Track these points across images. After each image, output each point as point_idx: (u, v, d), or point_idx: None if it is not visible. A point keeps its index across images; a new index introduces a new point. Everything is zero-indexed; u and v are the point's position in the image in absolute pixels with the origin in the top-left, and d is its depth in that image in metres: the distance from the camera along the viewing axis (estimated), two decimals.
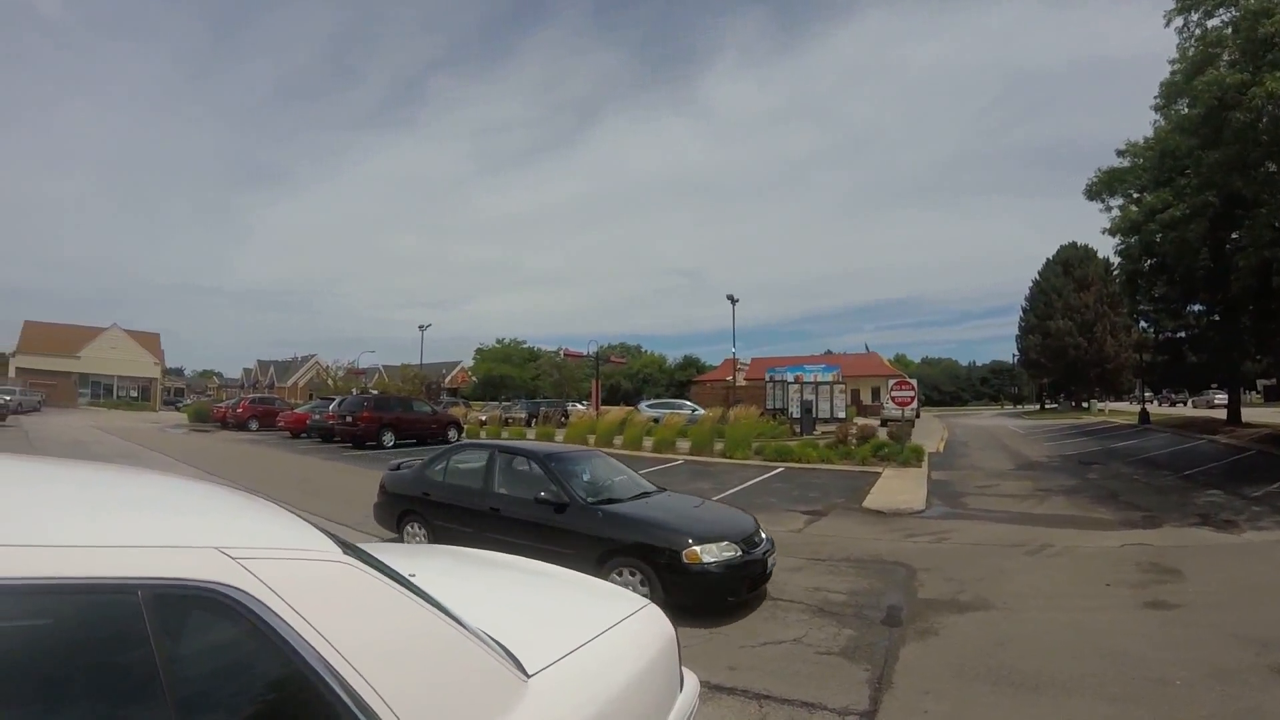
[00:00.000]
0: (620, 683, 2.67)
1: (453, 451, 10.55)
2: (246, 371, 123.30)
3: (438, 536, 9.27)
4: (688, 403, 42.71)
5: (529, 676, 2.29)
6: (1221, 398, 52.18)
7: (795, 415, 34.09)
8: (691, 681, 3.31)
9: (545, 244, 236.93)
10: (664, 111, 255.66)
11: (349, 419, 29.02)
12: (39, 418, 45.27)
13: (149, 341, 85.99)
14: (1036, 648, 6.63)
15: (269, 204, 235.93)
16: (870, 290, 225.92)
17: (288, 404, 47.12)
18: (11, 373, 70.50)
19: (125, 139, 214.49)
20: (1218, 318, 34.27)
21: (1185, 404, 75.92)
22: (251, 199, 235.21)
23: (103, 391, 79.42)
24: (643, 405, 42.38)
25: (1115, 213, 30.63)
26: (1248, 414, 40.72)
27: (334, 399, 37.19)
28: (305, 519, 2.23)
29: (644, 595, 6.33)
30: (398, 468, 10.90)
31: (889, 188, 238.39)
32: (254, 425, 39.97)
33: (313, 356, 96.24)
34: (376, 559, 2.23)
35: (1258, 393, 76.32)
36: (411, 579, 2.33)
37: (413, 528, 9.85)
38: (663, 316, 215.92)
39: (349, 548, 2.16)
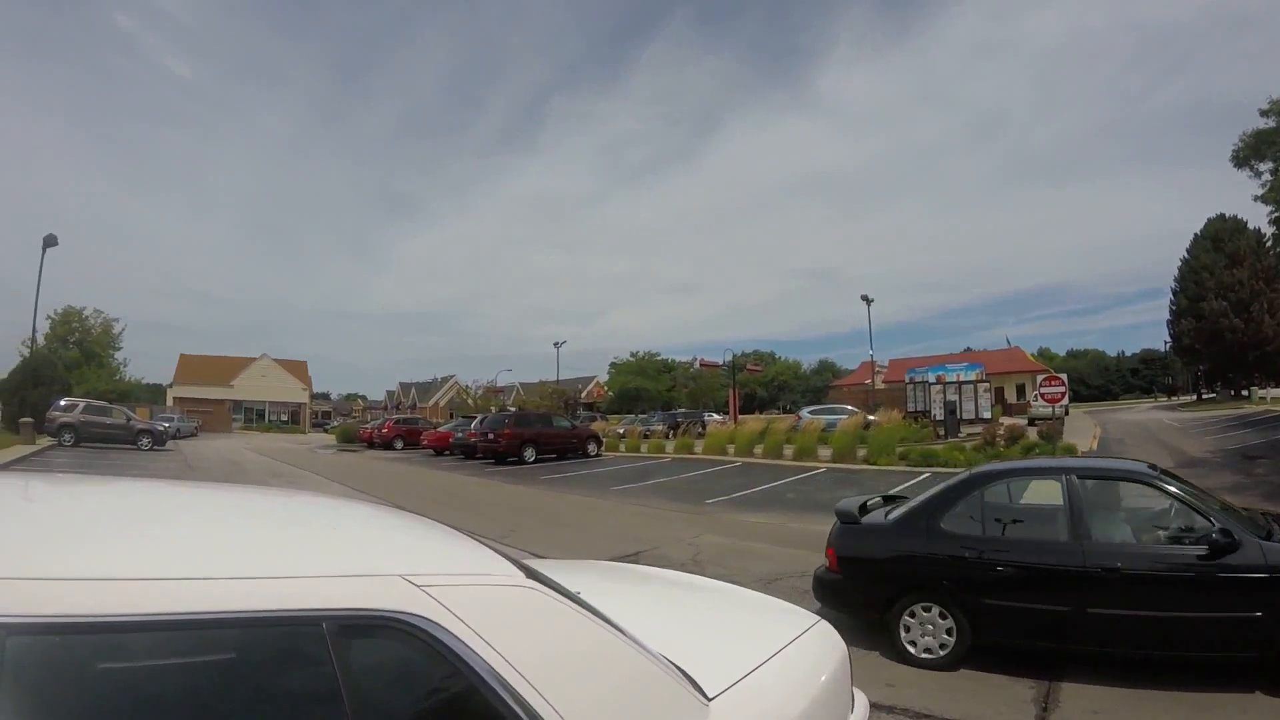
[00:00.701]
0: (800, 705, 2.52)
1: (979, 484, 6.92)
2: (389, 393, 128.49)
3: (987, 625, 6.19)
4: (848, 406, 41.71)
5: (709, 700, 2.18)
6: None
7: (938, 417, 33.27)
8: (862, 701, 3.08)
9: (676, 253, 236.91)
10: (784, 111, 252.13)
11: (491, 436, 29.77)
12: (196, 442, 48.39)
13: (297, 369, 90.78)
14: None
15: (406, 232, 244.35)
16: (1009, 280, 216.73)
17: (430, 423, 48.68)
18: (169, 402, 76.29)
19: (267, 181, 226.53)
20: None
21: None
22: (389, 229, 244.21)
23: (255, 416, 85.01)
24: (804, 412, 41.58)
25: (1266, 179, 28.56)
26: None
27: (474, 417, 38.23)
28: (485, 542, 2.23)
29: None
30: (853, 517, 7.13)
31: (1023, 169, 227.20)
32: (398, 444, 41.66)
33: (452, 377, 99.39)
34: (555, 581, 2.15)
35: None
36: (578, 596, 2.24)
37: (922, 613, 6.41)
38: (796, 319, 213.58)
39: (529, 571, 2.10)
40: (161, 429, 37.87)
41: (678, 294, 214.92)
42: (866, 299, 48.16)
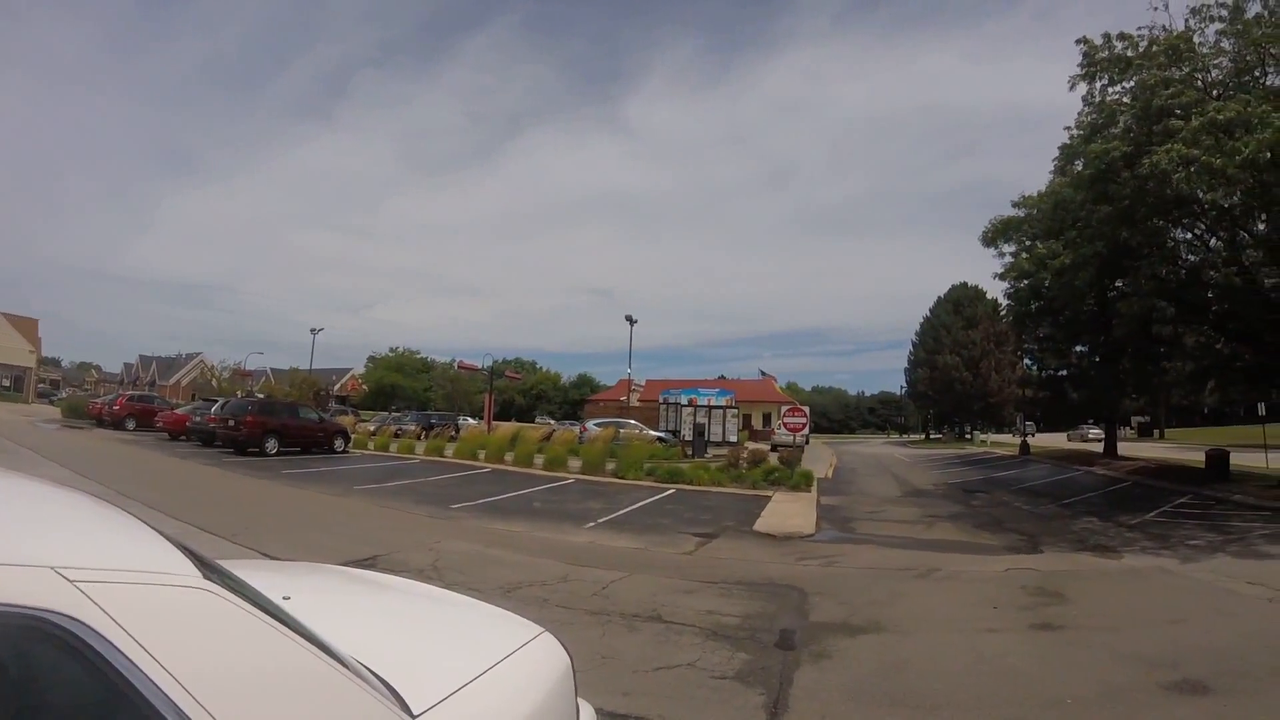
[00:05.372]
0: (517, 717, 2.44)
1: None
2: (127, 366, 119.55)
3: None
4: (631, 421, 42.17)
5: (414, 717, 2.03)
6: (1096, 432, 56.57)
7: (688, 437, 34.24)
8: (588, 712, 3.05)
9: (462, 254, 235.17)
10: (591, 129, 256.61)
11: (232, 423, 28.00)
12: None
13: (26, 327, 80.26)
14: (931, 669, 6.55)
15: (179, 191, 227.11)
16: (775, 319, 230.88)
17: (168, 403, 45.50)
18: None
19: (34, 110, 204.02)
20: (1099, 359, 36.81)
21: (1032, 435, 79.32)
22: (160, 185, 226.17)
23: None
24: (590, 424, 41.49)
25: (1007, 259, 32.75)
26: (1123, 448, 43.17)
27: (216, 401, 35.92)
28: (164, 534, 1.89)
29: None
30: None
31: (804, 220, 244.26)
32: (131, 424, 38.25)
33: (198, 355, 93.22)
34: (244, 582, 1.98)
35: (1131, 428, 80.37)
36: (285, 602, 2.08)
37: None
38: (569, 334, 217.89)
39: (210, 569, 1.85)
40: None
41: (459, 295, 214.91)
42: (630, 319, 49.58)
